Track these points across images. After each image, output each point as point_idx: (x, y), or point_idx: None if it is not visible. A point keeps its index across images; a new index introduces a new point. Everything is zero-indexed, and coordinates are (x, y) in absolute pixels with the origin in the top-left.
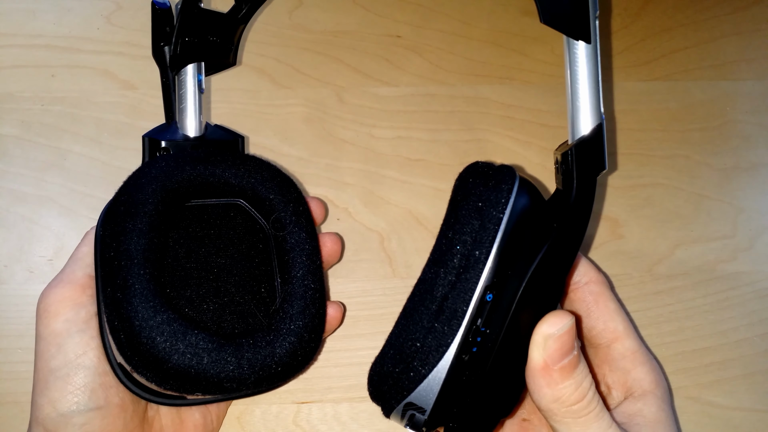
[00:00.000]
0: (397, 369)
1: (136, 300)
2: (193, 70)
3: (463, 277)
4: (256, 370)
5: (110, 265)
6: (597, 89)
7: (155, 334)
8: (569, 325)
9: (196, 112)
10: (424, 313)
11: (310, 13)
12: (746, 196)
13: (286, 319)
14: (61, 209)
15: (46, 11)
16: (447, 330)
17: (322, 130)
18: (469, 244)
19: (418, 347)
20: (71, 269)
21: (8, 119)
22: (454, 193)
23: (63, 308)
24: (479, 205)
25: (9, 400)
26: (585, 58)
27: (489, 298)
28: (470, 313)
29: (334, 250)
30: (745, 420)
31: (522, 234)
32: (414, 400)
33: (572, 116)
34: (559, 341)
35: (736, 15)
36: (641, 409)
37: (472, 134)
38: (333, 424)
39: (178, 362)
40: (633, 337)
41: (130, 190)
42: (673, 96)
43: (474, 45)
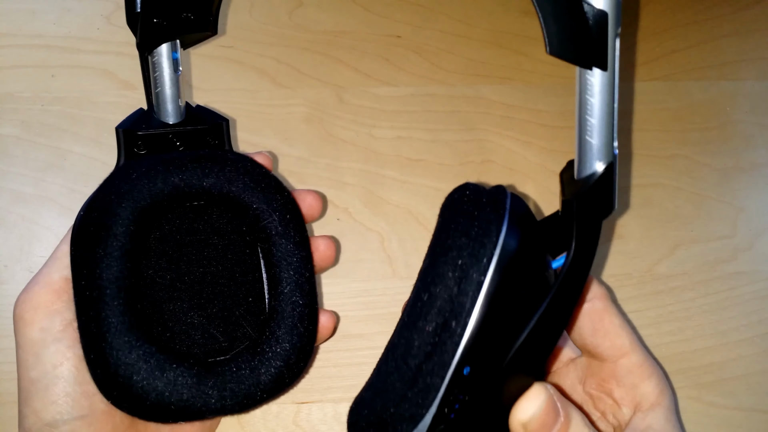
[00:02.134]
0: (383, 415)
1: (110, 336)
2: (167, 49)
3: (438, 350)
4: (239, 399)
5: (82, 293)
6: (611, 123)
7: (131, 373)
8: (544, 402)
9: (174, 96)
10: (398, 379)
11: (310, 13)
12: (746, 196)
13: (272, 340)
14: (61, 209)
15: (46, 11)
16: (421, 401)
17: (322, 130)
18: (446, 312)
19: (392, 413)
20: (47, 270)
21: (8, 119)
22: (438, 229)
23: (37, 316)
24: (459, 263)
25: (9, 400)
26: (599, 87)
27: (466, 371)
28: (445, 385)
29: (327, 254)
30: (745, 420)
31: (510, 290)
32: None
33: (580, 151)
34: (538, 423)
35: (736, 15)
36: (651, 423)
37: (472, 134)
38: (333, 424)
39: (157, 399)
40: (639, 351)
41: (100, 209)
42: (673, 96)
43: (474, 45)
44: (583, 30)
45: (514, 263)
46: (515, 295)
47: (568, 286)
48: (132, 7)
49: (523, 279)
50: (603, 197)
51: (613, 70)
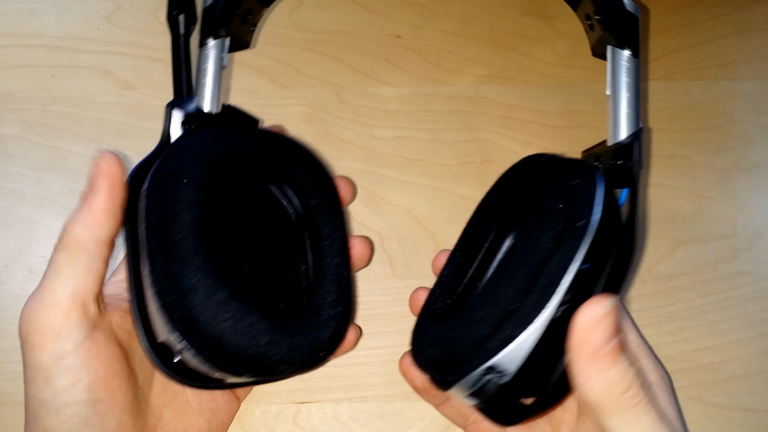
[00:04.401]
0: (484, 331)
1: (198, 275)
2: (219, 44)
3: (564, 244)
4: (303, 353)
5: (163, 236)
6: (638, 99)
7: (217, 312)
8: (613, 303)
9: (215, 89)
10: (521, 278)
11: (310, 13)
12: (746, 196)
13: (324, 305)
14: (61, 209)
15: (46, 11)
16: (546, 292)
17: (322, 130)
18: (569, 214)
19: (512, 309)
20: (51, 287)
21: (8, 119)
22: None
23: (45, 340)
24: (572, 183)
25: (9, 400)
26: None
27: (587, 266)
28: (570, 280)
29: (363, 253)
30: (745, 420)
31: (610, 217)
32: (498, 362)
33: (616, 120)
34: (605, 321)
35: (736, 15)
36: (653, 399)
37: (472, 134)
38: (333, 424)
39: (237, 342)
40: (636, 333)
41: (181, 158)
42: (673, 96)
43: (474, 45)
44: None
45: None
46: (610, 215)
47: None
48: (174, 7)
49: (614, 204)
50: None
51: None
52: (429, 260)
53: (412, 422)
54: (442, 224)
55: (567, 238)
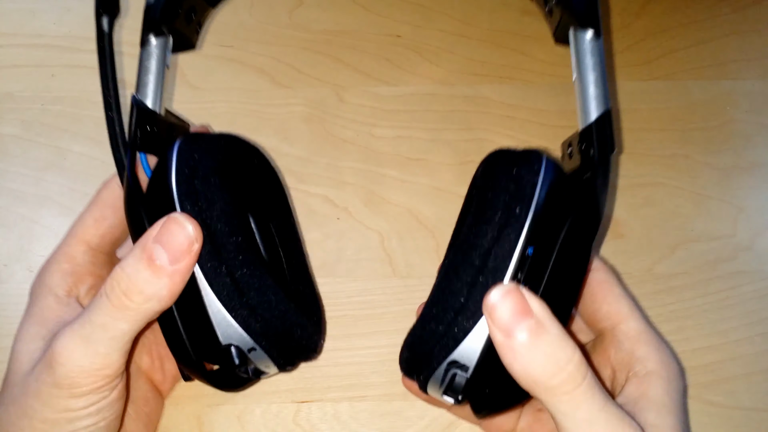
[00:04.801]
0: (441, 327)
1: (264, 278)
2: (163, 42)
3: (505, 233)
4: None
5: (223, 241)
6: (604, 79)
7: (286, 310)
8: (510, 287)
9: (159, 87)
10: (467, 269)
11: (310, 12)
12: (746, 196)
13: (307, 298)
14: (61, 209)
15: (46, 11)
16: (490, 283)
17: (322, 129)
18: (509, 203)
19: (462, 303)
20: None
21: (8, 119)
22: (480, 171)
23: (91, 393)
24: (514, 172)
25: None
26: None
27: (530, 252)
28: (513, 266)
29: None
30: (745, 420)
31: (553, 199)
32: (458, 357)
33: (583, 103)
34: (504, 303)
35: (736, 15)
36: (646, 391)
37: (472, 134)
38: (333, 423)
39: (300, 334)
40: (638, 318)
41: (212, 165)
42: (673, 96)
43: (474, 45)
44: None
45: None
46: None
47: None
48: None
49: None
50: (607, 135)
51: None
52: (429, 260)
53: (412, 421)
54: (442, 224)
55: (508, 226)
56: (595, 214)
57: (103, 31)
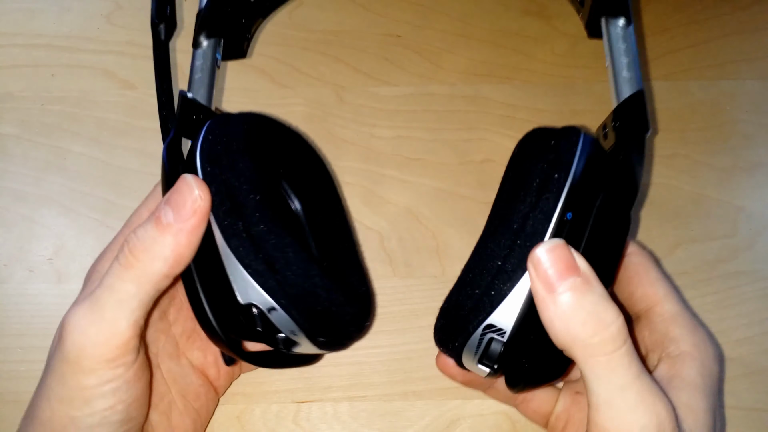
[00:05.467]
0: (477, 291)
1: (283, 235)
2: (215, 44)
3: (544, 197)
4: (370, 320)
5: (241, 200)
6: (637, 62)
7: (309, 269)
8: (558, 242)
9: (211, 87)
10: (505, 234)
11: (310, 12)
12: (746, 196)
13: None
14: (61, 209)
15: (46, 11)
16: (529, 245)
17: (322, 129)
18: (547, 170)
19: (499, 266)
20: (113, 316)
21: (8, 119)
22: (518, 146)
23: (99, 368)
24: (552, 144)
25: (9, 399)
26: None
27: (569, 216)
28: (551, 230)
29: None
30: (745, 419)
31: (591, 169)
32: (495, 320)
33: (616, 85)
34: (551, 257)
35: (736, 15)
36: (679, 371)
37: (472, 134)
38: (333, 423)
39: (326, 297)
40: (675, 301)
41: (236, 132)
42: (673, 96)
43: (474, 45)
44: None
45: (592, 149)
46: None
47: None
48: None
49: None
50: (640, 114)
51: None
52: (429, 260)
53: (412, 421)
54: (442, 224)
55: (547, 191)
56: (632, 186)
57: (159, 40)
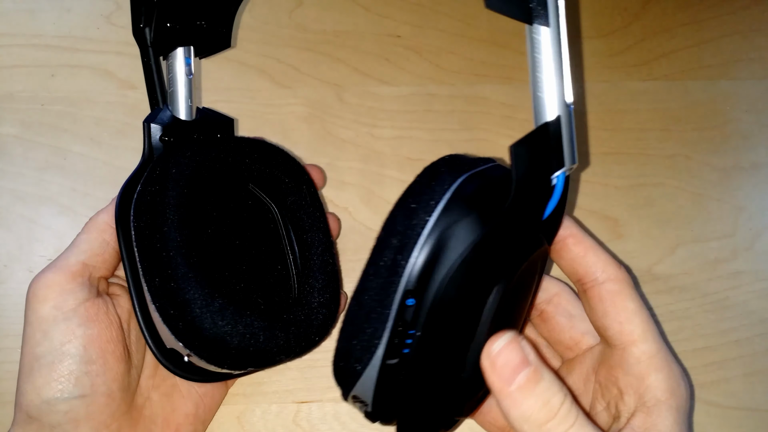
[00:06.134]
0: (342, 363)
1: (194, 289)
2: (182, 53)
3: (386, 282)
4: (300, 341)
5: (157, 256)
6: (560, 77)
7: (217, 319)
8: (508, 340)
9: (186, 97)
10: (358, 313)
11: (310, 12)
12: (746, 196)
13: (314, 293)
14: (61, 209)
15: (46, 11)
16: (373, 332)
17: (322, 129)
18: (394, 247)
19: (354, 345)
20: (65, 256)
21: (8, 119)
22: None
23: (51, 294)
24: (412, 207)
25: (9, 399)
26: (544, 43)
27: (410, 303)
28: (392, 317)
29: (333, 228)
30: (745, 420)
31: (452, 239)
32: (357, 393)
33: (534, 109)
34: (501, 358)
35: (736, 15)
36: (655, 423)
37: (472, 134)
38: (333, 424)
39: (239, 343)
40: (651, 340)
41: (162, 180)
42: (673, 96)
43: (474, 45)
44: None
45: (465, 208)
46: (457, 236)
47: (502, 230)
48: (138, 20)
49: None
50: (551, 146)
51: (557, 27)
52: None
53: None
54: None
55: (392, 271)
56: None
57: (146, 45)
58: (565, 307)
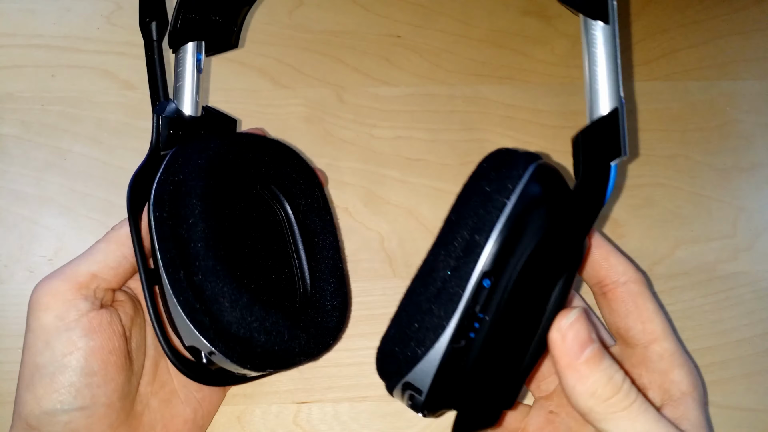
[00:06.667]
0: (397, 348)
1: (223, 282)
2: (193, 48)
3: (462, 261)
4: (317, 343)
5: (183, 247)
6: (615, 71)
7: (246, 315)
8: (577, 314)
9: (193, 92)
10: (424, 294)
11: (310, 13)
12: (746, 196)
13: (326, 296)
14: (61, 209)
15: (46, 11)
16: (443, 313)
17: (322, 130)
18: (471, 228)
19: (416, 328)
20: (76, 263)
21: (8, 119)
22: (469, 178)
23: (54, 303)
24: (486, 190)
25: (9, 399)
26: (602, 39)
27: (486, 284)
28: (466, 298)
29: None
30: (745, 420)
31: (530, 222)
32: (411, 380)
33: (590, 101)
34: (571, 332)
35: (736, 15)
36: (685, 413)
37: (472, 134)
38: (333, 424)
39: (265, 341)
40: (671, 338)
41: (187, 170)
42: (673, 96)
43: (474, 45)
44: None
45: (538, 192)
46: (537, 219)
47: (575, 214)
48: (145, 14)
49: (546, 207)
50: (608, 136)
51: (614, 25)
52: None
53: (412, 422)
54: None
55: (469, 251)
56: (568, 239)
57: (151, 40)
58: None
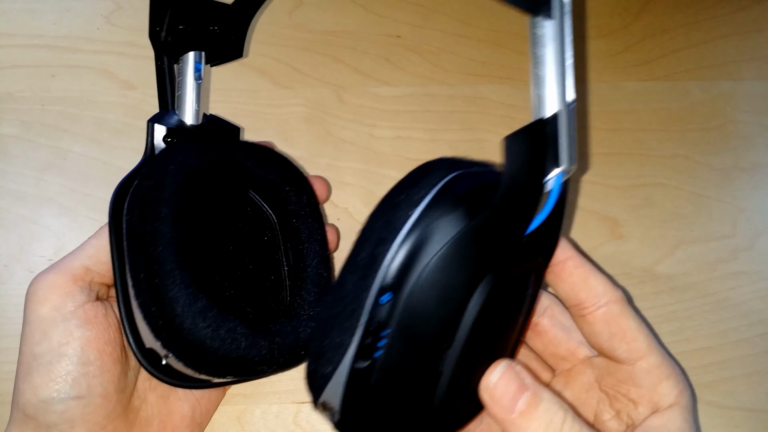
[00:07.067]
0: (311, 366)
1: (177, 287)
2: (193, 58)
3: (361, 276)
4: (284, 353)
5: (144, 251)
6: (561, 74)
7: (198, 320)
8: (503, 369)
9: (194, 102)
10: (332, 310)
11: (310, 13)
12: (746, 196)
13: (305, 305)
14: (61, 209)
15: (46, 11)
16: (345, 332)
17: (322, 130)
18: (374, 242)
19: (325, 345)
20: (70, 257)
21: (8, 119)
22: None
23: (51, 295)
24: (395, 202)
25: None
26: (547, 37)
27: (384, 299)
28: (365, 316)
29: (331, 240)
30: (745, 420)
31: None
32: (326, 399)
33: (532, 106)
34: (500, 387)
35: (736, 15)
36: (665, 424)
37: (472, 134)
38: None
39: (218, 347)
40: (656, 352)
41: (158, 175)
42: (673, 96)
43: (474, 45)
44: None
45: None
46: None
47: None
48: (155, 23)
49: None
50: (544, 143)
51: (561, 20)
52: None
53: None
54: None
55: (368, 266)
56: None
57: (161, 47)
58: (559, 319)
